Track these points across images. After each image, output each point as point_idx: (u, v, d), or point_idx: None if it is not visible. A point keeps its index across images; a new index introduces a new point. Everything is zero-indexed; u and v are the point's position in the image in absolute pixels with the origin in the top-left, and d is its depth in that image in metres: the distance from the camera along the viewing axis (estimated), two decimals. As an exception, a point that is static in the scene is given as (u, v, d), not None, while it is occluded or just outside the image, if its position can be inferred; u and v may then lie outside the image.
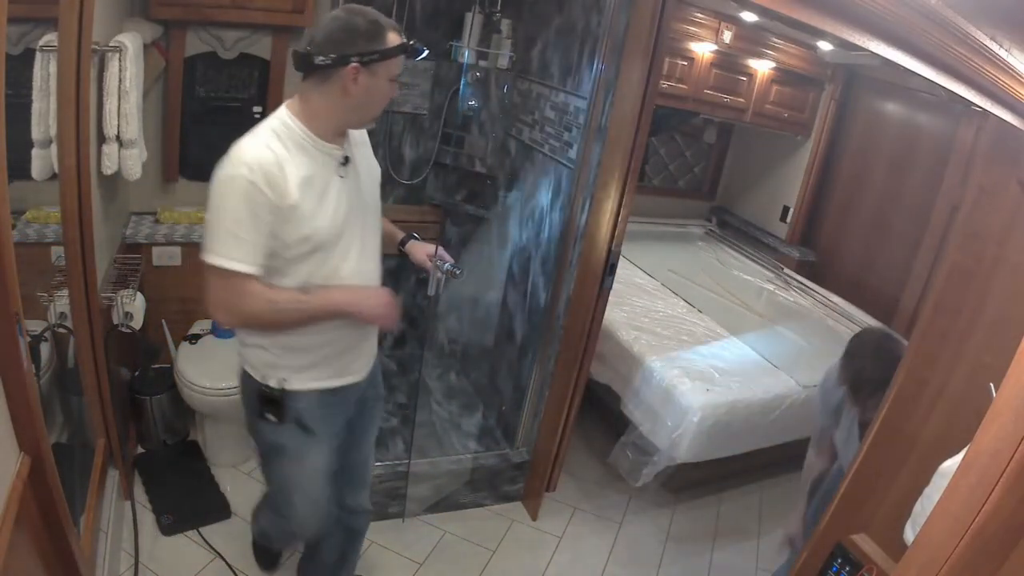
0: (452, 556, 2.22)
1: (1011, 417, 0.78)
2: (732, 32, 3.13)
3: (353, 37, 1.23)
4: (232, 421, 2.33)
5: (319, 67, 1.24)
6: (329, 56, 1.23)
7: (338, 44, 1.23)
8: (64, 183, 1.59)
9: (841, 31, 1.01)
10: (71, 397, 1.82)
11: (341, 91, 1.26)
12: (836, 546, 1.72)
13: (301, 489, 1.53)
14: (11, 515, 1.01)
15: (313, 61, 1.24)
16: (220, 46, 2.32)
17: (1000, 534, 0.79)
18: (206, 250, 1.23)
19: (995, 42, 0.95)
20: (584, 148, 2.08)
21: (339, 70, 1.24)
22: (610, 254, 2.02)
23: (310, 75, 1.27)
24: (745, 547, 2.52)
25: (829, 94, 3.61)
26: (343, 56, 1.23)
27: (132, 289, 2.03)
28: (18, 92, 1.47)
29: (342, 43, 1.23)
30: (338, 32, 1.24)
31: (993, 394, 0.85)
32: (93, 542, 1.68)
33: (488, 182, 2.79)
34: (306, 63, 1.25)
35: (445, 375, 3.03)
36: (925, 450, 1.52)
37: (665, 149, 4.11)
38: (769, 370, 2.58)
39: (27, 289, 1.21)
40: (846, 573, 1.68)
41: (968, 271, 1.46)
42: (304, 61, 1.25)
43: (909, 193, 3.38)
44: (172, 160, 2.43)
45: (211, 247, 1.23)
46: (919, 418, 1.57)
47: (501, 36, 2.57)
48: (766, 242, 4.00)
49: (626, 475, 2.52)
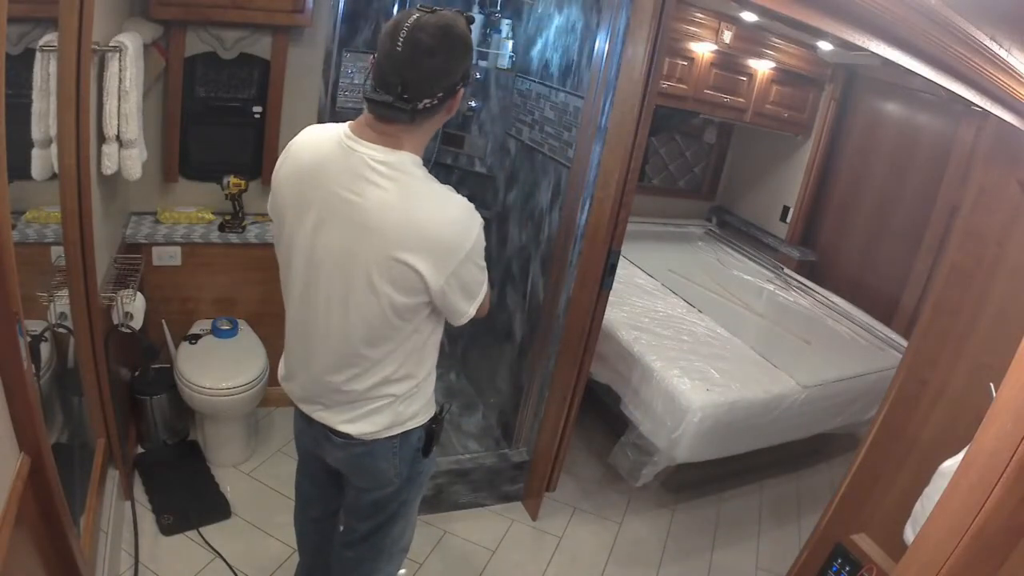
0: (452, 556, 2.22)
1: (1011, 417, 0.78)
2: (732, 32, 3.13)
3: (458, 58, 1.08)
4: (232, 421, 2.33)
5: (422, 111, 1.08)
6: (435, 96, 1.07)
7: (443, 77, 1.07)
8: (64, 183, 1.59)
9: (841, 31, 1.01)
10: (71, 397, 1.82)
11: (446, 114, 1.15)
12: (836, 546, 1.72)
13: (416, 508, 1.53)
14: (11, 515, 1.01)
15: (417, 108, 1.06)
16: (220, 46, 2.32)
17: (1000, 534, 0.80)
18: (477, 297, 1.22)
19: (995, 42, 0.95)
20: (584, 148, 2.08)
21: (447, 103, 1.11)
22: (610, 254, 2.02)
23: (403, 122, 1.09)
24: (745, 547, 2.52)
25: (829, 94, 3.61)
26: (451, 87, 1.09)
27: (132, 289, 2.03)
28: (18, 92, 1.47)
29: (448, 73, 1.07)
30: (441, 68, 1.06)
31: (993, 394, 0.85)
32: (93, 542, 1.68)
33: (488, 182, 2.79)
34: (405, 111, 1.06)
35: (445, 375, 3.03)
36: (925, 450, 1.52)
37: (665, 149, 4.11)
38: (769, 370, 2.58)
39: (27, 289, 1.21)
40: (846, 573, 1.68)
41: (968, 271, 1.47)
42: (401, 110, 1.06)
43: (909, 193, 3.38)
44: (172, 160, 2.43)
45: (481, 290, 1.23)
46: (919, 418, 1.57)
47: (501, 36, 2.57)
48: (766, 242, 4.00)
49: (626, 475, 2.52)
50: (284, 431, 2.60)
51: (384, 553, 1.49)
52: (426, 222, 1.11)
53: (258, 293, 2.55)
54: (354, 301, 1.16)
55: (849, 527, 1.70)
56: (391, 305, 1.15)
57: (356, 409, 1.28)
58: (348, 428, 1.29)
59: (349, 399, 1.28)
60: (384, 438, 1.30)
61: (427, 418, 1.36)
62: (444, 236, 1.12)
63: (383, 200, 1.10)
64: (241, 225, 2.47)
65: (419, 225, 1.10)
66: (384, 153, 1.11)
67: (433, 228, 1.11)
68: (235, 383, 2.21)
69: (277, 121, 2.45)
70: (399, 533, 1.49)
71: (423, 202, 1.12)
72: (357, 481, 1.41)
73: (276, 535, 2.11)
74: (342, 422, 1.30)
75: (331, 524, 1.65)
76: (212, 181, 2.45)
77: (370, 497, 1.42)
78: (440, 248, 1.12)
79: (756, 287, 3.58)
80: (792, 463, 2.99)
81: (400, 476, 1.37)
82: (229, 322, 2.46)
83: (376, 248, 1.11)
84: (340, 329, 1.20)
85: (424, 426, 1.36)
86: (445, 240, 1.12)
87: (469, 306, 1.21)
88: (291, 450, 2.51)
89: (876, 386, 2.59)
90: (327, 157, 1.15)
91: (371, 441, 1.30)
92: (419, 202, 1.11)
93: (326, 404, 1.31)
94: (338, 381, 1.25)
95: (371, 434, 1.29)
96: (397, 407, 1.29)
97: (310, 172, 1.17)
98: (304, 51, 2.41)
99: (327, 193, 1.14)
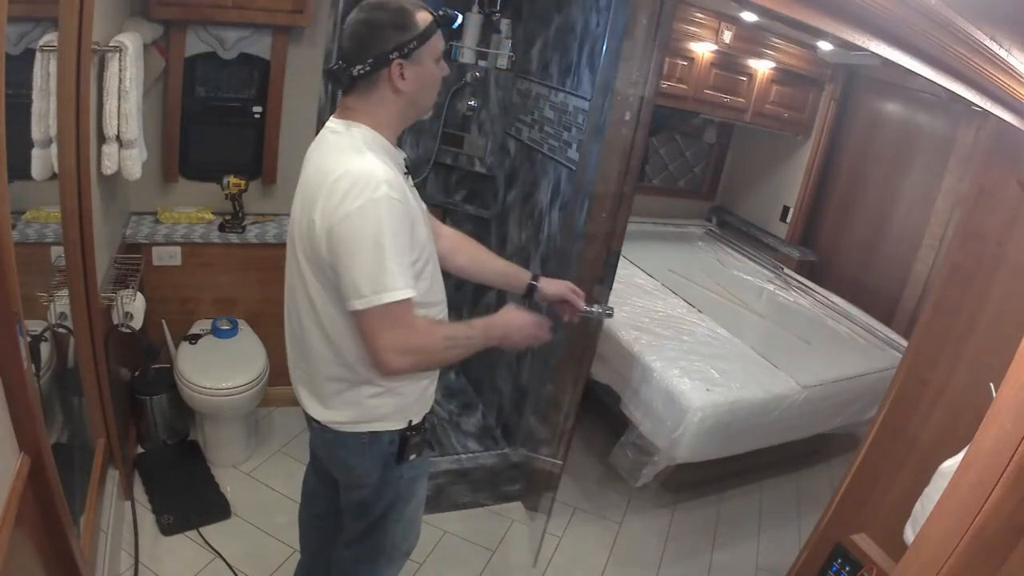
0: (452, 556, 2.22)
1: (1011, 417, 0.78)
2: (732, 32, 3.13)
3: (383, 32, 1.14)
4: (232, 421, 2.33)
5: (359, 78, 1.16)
6: (366, 63, 1.14)
7: (370, 46, 1.14)
8: (64, 183, 1.59)
9: (841, 31, 1.01)
10: (71, 397, 1.82)
11: (393, 92, 1.18)
12: (836, 546, 1.72)
13: (416, 514, 1.52)
14: (11, 515, 1.01)
15: (351, 74, 1.15)
16: (220, 46, 2.32)
17: (1000, 534, 0.79)
18: (371, 293, 1.10)
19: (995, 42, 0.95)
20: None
21: (381, 72, 1.16)
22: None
23: (353, 88, 1.18)
24: (745, 547, 2.52)
25: (829, 94, 3.61)
26: (380, 56, 1.15)
27: (132, 289, 2.03)
28: (18, 92, 1.47)
29: (374, 44, 1.14)
30: (365, 34, 1.15)
31: (993, 394, 0.85)
32: (93, 542, 1.67)
33: (488, 182, 2.79)
34: (344, 78, 1.16)
35: (445, 374, 3.03)
36: (925, 450, 1.52)
37: (665, 149, 4.11)
38: (769, 370, 2.58)
39: (27, 289, 1.21)
40: (846, 573, 1.68)
41: (968, 271, 1.47)
42: (341, 77, 1.17)
43: (909, 193, 3.39)
44: (172, 160, 2.43)
45: (378, 285, 1.10)
46: (919, 418, 1.57)
47: (501, 36, 2.57)
48: (766, 242, 4.00)
49: (626, 475, 2.52)
50: (284, 431, 2.60)
51: (383, 556, 1.49)
52: (324, 172, 1.15)
53: (258, 293, 2.55)
54: (291, 268, 1.26)
55: (849, 527, 1.70)
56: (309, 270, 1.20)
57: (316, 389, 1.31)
58: (316, 413, 1.31)
59: (308, 375, 1.31)
60: (352, 432, 1.30)
61: (402, 424, 1.32)
62: (333, 185, 1.11)
63: (315, 166, 1.20)
64: (241, 225, 2.47)
65: (318, 175, 1.16)
66: (337, 124, 1.20)
67: (325, 177, 1.14)
68: (235, 383, 2.21)
69: (277, 121, 2.45)
70: (400, 536, 1.48)
71: (328, 155, 1.18)
72: (333, 472, 1.44)
73: (276, 535, 2.11)
74: (311, 403, 1.33)
75: (333, 523, 1.65)
76: (212, 181, 2.45)
77: (351, 496, 1.42)
78: (325, 194, 1.12)
79: (756, 287, 3.58)
80: (792, 463, 2.99)
81: (370, 476, 1.35)
82: (229, 322, 2.46)
83: (301, 211, 1.20)
84: (291, 300, 1.29)
85: (399, 431, 1.32)
86: (330, 187, 1.12)
87: (359, 288, 1.10)
88: (291, 450, 2.51)
89: (876, 386, 2.59)
90: (315, 144, 1.26)
91: (339, 431, 1.30)
92: (325, 155, 1.18)
93: (299, 381, 1.35)
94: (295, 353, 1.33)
95: (338, 423, 1.30)
96: (360, 399, 1.27)
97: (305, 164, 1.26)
98: (304, 51, 2.41)
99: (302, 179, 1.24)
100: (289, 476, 2.34)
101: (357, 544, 1.48)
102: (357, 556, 1.49)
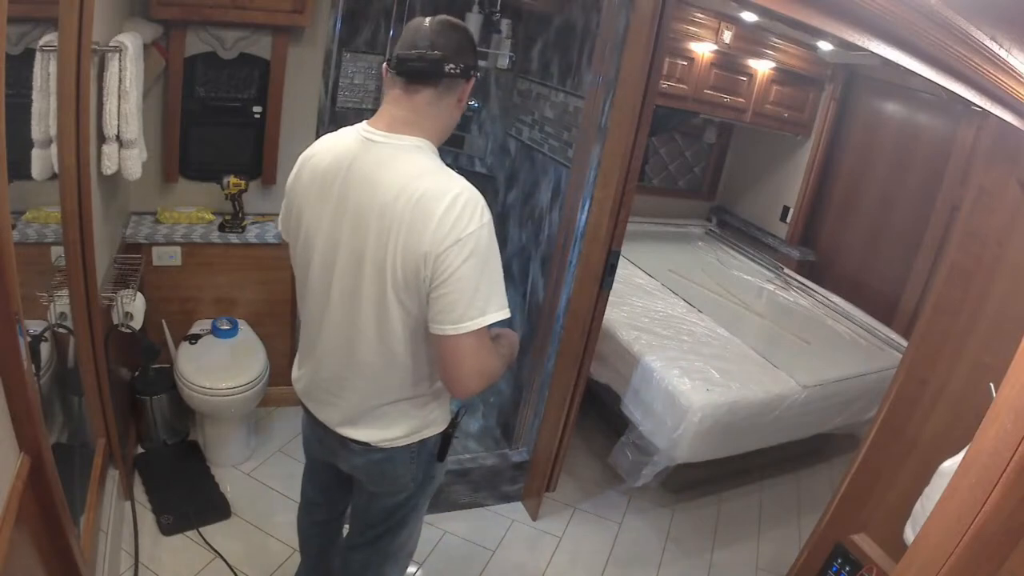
0: (452, 556, 2.22)
1: (1011, 417, 0.78)
2: (732, 32, 3.13)
3: (472, 47, 1.15)
4: (232, 421, 2.33)
5: (447, 75, 1.12)
6: (459, 65, 1.12)
7: (462, 53, 1.13)
8: (64, 183, 1.59)
9: (841, 31, 1.01)
10: (71, 397, 1.82)
11: (456, 105, 1.17)
12: (836, 546, 1.72)
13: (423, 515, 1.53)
14: (11, 515, 1.01)
15: (444, 68, 1.11)
16: (220, 46, 2.32)
17: (1000, 534, 0.79)
18: (476, 316, 1.07)
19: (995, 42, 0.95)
20: (584, 148, 2.08)
21: (460, 81, 1.14)
22: (610, 254, 2.02)
23: (430, 84, 1.12)
24: (745, 547, 2.52)
25: (829, 94, 3.61)
26: (468, 67, 1.13)
27: (132, 289, 2.03)
28: (18, 92, 1.47)
29: (465, 53, 1.13)
30: (460, 40, 1.13)
31: (993, 394, 0.85)
32: (93, 542, 1.67)
33: (488, 182, 2.79)
34: (436, 71, 1.11)
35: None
36: (925, 450, 1.52)
37: (665, 149, 4.11)
38: (769, 370, 2.58)
39: (27, 289, 1.21)
40: (846, 573, 1.68)
41: (968, 271, 1.47)
42: (434, 68, 1.11)
43: (909, 193, 3.38)
44: (172, 160, 2.43)
45: (490, 305, 1.08)
46: (919, 418, 1.57)
47: (501, 36, 2.57)
48: (766, 242, 4.00)
49: (626, 475, 2.52)
50: (284, 431, 2.60)
51: (391, 557, 1.49)
52: (422, 192, 1.07)
53: (258, 293, 2.55)
54: (366, 293, 1.14)
55: (849, 527, 1.70)
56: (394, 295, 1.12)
57: (374, 414, 1.26)
58: (367, 436, 1.27)
59: (363, 403, 1.25)
60: (403, 445, 1.28)
61: (445, 425, 1.35)
62: (447, 208, 1.06)
63: (397, 184, 1.08)
64: (241, 225, 2.47)
65: (411, 195, 1.07)
66: (403, 139, 1.13)
67: (428, 199, 1.06)
68: (235, 383, 2.21)
69: (277, 121, 2.44)
70: (406, 538, 1.49)
71: (421, 176, 1.09)
72: (373, 487, 1.38)
73: (276, 535, 2.11)
74: (359, 430, 1.28)
75: (335, 527, 1.65)
76: (212, 181, 2.45)
77: (382, 503, 1.40)
78: (438, 217, 1.06)
79: (756, 287, 3.58)
80: (792, 463, 2.99)
81: (415, 481, 1.36)
82: (229, 322, 2.46)
83: (378, 235, 1.10)
84: (348, 330, 1.18)
85: (442, 432, 1.34)
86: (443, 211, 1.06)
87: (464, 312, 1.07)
88: (291, 450, 2.51)
89: (876, 386, 2.59)
90: (350, 153, 1.15)
91: (390, 448, 1.28)
92: (416, 175, 1.09)
93: (337, 405, 1.29)
94: (350, 378, 1.23)
95: (389, 440, 1.27)
96: (421, 414, 1.27)
97: (334, 172, 1.16)
98: (304, 51, 2.41)
99: (356, 191, 1.12)
100: (289, 476, 2.34)
101: (367, 547, 1.47)
102: (367, 559, 1.49)
